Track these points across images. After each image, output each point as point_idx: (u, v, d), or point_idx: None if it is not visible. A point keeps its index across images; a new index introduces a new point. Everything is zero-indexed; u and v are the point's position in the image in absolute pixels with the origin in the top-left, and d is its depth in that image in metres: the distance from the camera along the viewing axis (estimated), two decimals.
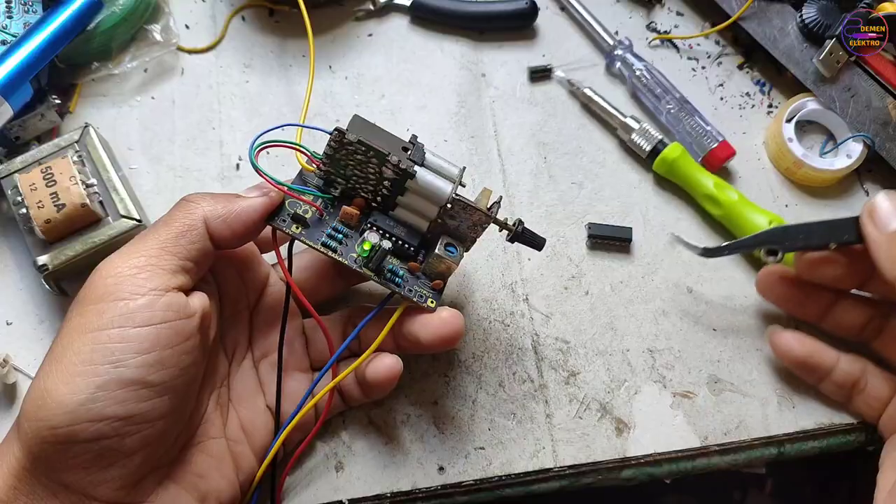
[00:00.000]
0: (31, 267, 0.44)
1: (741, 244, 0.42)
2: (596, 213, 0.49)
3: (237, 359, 0.40)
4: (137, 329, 0.30)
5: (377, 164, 0.35)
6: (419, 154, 0.36)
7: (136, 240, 0.34)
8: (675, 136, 0.51)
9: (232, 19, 0.53)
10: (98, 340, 0.30)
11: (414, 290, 0.38)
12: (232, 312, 0.39)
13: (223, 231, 0.34)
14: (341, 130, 0.34)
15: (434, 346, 0.38)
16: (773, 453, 0.43)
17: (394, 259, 0.38)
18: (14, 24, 0.47)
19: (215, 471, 0.36)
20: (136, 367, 0.30)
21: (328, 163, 0.36)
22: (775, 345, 0.43)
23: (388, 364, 0.38)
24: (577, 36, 0.55)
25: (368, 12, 0.54)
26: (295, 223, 0.36)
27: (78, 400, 0.29)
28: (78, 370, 0.29)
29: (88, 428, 0.29)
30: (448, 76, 0.52)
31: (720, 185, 0.47)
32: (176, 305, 0.32)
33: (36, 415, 0.29)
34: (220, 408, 0.38)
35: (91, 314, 0.30)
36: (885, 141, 0.49)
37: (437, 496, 0.41)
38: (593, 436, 0.43)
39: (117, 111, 0.49)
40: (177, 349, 0.31)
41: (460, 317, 0.38)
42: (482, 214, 0.37)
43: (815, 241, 0.40)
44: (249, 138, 0.49)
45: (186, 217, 0.34)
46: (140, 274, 0.31)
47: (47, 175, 0.42)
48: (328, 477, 0.41)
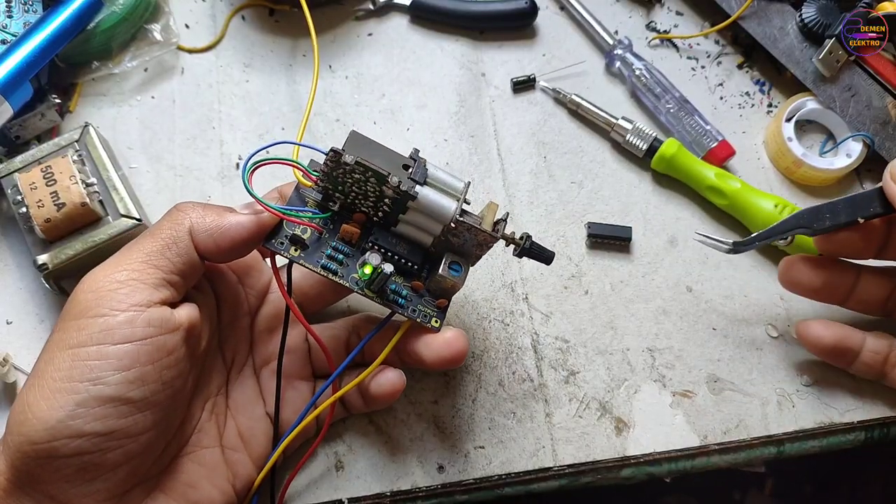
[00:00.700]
0: (31, 266, 0.44)
1: (771, 232, 0.41)
2: (596, 212, 0.49)
3: (237, 366, 0.39)
4: (117, 346, 0.30)
5: (376, 183, 0.34)
6: (421, 172, 0.35)
7: (122, 252, 0.33)
8: (674, 135, 0.51)
9: (232, 19, 0.53)
10: (77, 357, 0.30)
11: (418, 311, 0.37)
12: (231, 319, 0.39)
13: (209, 245, 0.33)
14: (337, 151, 0.33)
15: (437, 366, 0.37)
16: (772, 452, 0.43)
17: (397, 278, 0.37)
18: (14, 24, 0.47)
19: (206, 480, 0.36)
20: (116, 383, 0.29)
21: (325, 180, 0.35)
22: (805, 336, 0.42)
23: (392, 379, 0.38)
24: (577, 35, 0.55)
25: (368, 12, 0.54)
26: (293, 245, 0.35)
27: (57, 417, 0.29)
28: (58, 386, 0.29)
29: (69, 444, 0.29)
30: (448, 76, 0.52)
31: (721, 175, 0.47)
32: (158, 321, 0.31)
33: (18, 429, 0.29)
34: (215, 416, 0.37)
35: (72, 329, 0.30)
36: (884, 140, 0.49)
37: (437, 495, 0.41)
38: (593, 435, 0.43)
39: (117, 110, 0.49)
40: (158, 364, 0.31)
41: (464, 338, 0.37)
42: (487, 235, 0.35)
43: (844, 219, 0.39)
44: (249, 137, 0.49)
45: (172, 228, 0.33)
46: (121, 289, 0.31)
47: (47, 174, 0.42)
48: (328, 476, 0.41)
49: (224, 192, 0.48)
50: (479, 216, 0.36)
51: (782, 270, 0.42)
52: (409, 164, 0.35)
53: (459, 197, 0.35)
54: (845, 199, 0.39)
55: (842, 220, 0.39)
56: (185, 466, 0.35)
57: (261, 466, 0.38)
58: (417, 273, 0.37)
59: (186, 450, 0.36)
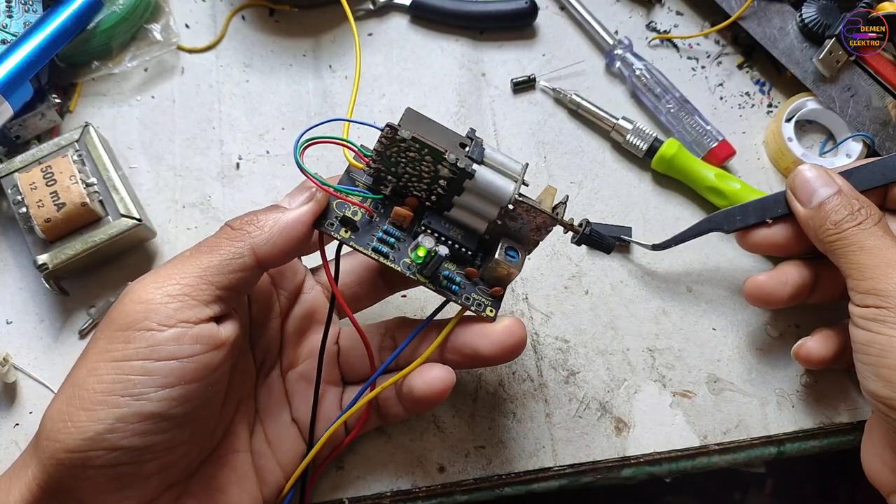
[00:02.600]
0: (31, 266, 0.44)
1: (686, 235, 0.44)
2: (596, 212, 0.49)
3: (265, 369, 0.38)
4: (162, 363, 0.29)
5: (432, 162, 0.32)
6: (478, 151, 0.33)
7: (175, 263, 0.32)
8: (674, 135, 0.51)
9: (232, 18, 0.53)
10: (121, 370, 0.29)
11: (472, 299, 0.35)
12: (263, 321, 0.38)
13: (273, 254, 0.32)
14: (393, 126, 0.32)
15: (495, 358, 0.35)
16: (772, 453, 0.43)
17: (450, 265, 0.35)
18: (14, 24, 0.47)
19: (236, 485, 0.35)
20: (159, 400, 0.29)
21: (378, 160, 0.33)
22: (805, 361, 0.41)
23: (440, 376, 0.35)
24: (577, 35, 0.55)
25: (368, 12, 0.54)
26: (344, 227, 0.34)
27: (96, 429, 0.28)
28: (99, 399, 0.29)
29: (104, 455, 0.29)
30: (448, 75, 0.52)
31: (721, 175, 0.47)
32: (206, 338, 0.30)
33: (55, 436, 0.29)
34: (245, 421, 0.37)
35: (117, 341, 0.30)
36: (884, 140, 0.49)
37: (437, 495, 0.41)
38: (593, 435, 0.43)
39: (117, 110, 0.49)
40: (203, 382, 0.30)
41: (523, 326, 0.35)
42: (547, 217, 0.33)
43: (753, 219, 0.42)
44: (249, 137, 0.49)
45: (233, 245, 0.32)
46: (171, 303, 0.30)
47: (47, 174, 0.42)
48: (328, 476, 0.41)
49: (224, 192, 0.48)
50: (538, 200, 0.34)
51: (746, 291, 0.42)
52: (465, 143, 0.33)
53: (518, 178, 0.34)
54: (756, 202, 0.43)
55: (751, 220, 0.42)
56: (216, 471, 0.35)
57: (289, 473, 0.37)
58: (471, 260, 0.35)
59: (216, 454, 0.35)
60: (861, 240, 0.37)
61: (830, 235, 0.38)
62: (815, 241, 0.39)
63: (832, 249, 0.38)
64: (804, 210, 0.39)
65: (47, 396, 0.42)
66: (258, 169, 0.48)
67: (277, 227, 0.32)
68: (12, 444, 0.41)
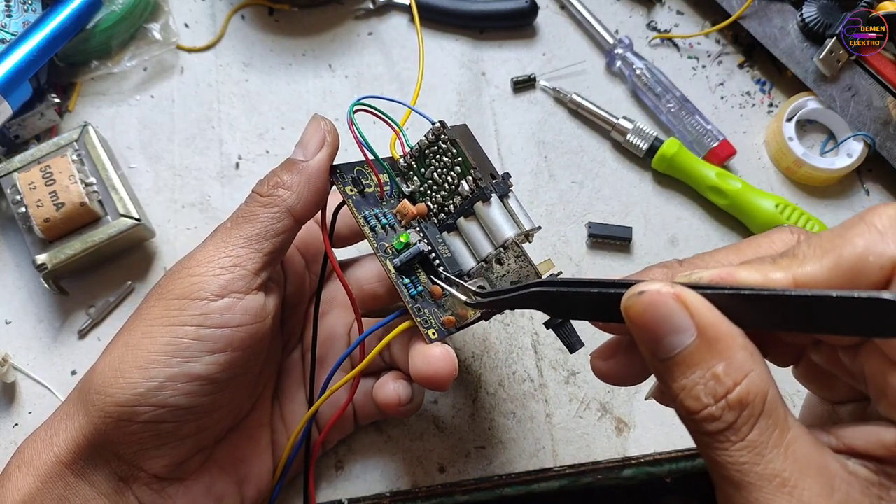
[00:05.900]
0: (30, 266, 0.44)
1: (509, 301, 0.31)
2: (596, 212, 0.49)
3: (288, 348, 0.40)
4: (213, 330, 0.31)
5: (459, 174, 0.34)
6: (503, 188, 0.35)
7: (219, 237, 0.33)
8: (675, 135, 0.51)
9: (231, 18, 0.53)
10: (175, 334, 0.31)
11: (422, 312, 0.34)
12: (295, 302, 0.40)
13: (305, 209, 0.34)
14: (445, 124, 0.34)
15: (417, 381, 0.33)
16: None
17: (422, 273, 0.35)
18: (13, 23, 0.47)
19: (256, 457, 0.37)
20: (207, 364, 0.31)
21: (416, 155, 0.36)
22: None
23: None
24: (577, 35, 0.55)
25: (368, 11, 0.54)
26: (353, 186, 0.35)
27: (147, 386, 0.30)
28: (152, 358, 0.31)
29: (150, 412, 0.31)
30: (448, 75, 0.52)
31: (722, 174, 0.47)
32: (254, 309, 0.32)
33: (105, 390, 0.31)
34: (270, 395, 0.39)
35: (173, 308, 0.32)
36: (885, 140, 0.49)
37: (437, 495, 0.41)
38: (593, 435, 0.42)
39: (116, 110, 0.49)
40: (247, 352, 0.32)
41: (452, 361, 0.32)
42: (533, 271, 0.35)
43: (580, 314, 0.28)
44: (249, 137, 0.49)
45: (269, 211, 0.33)
46: (224, 275, 0.32)
47: (46, 174, 0.41)
48: (328, 476, 0.41)
49: (224, 192, 0.48)
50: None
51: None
52: (496, 175, 0.35)
53: (523, 230, 0.34)
54: (590, 296, 0.26)
55: (578, 315, 0.28)
56: (241, 442, 0.37)
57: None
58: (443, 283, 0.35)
59: (243, 423, 0.37)
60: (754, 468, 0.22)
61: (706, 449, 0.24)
62: None
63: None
64: (651, 360, 0.24)
65: (46, 396, 0.42)
66: (258, 168, 0.48)
67: (304, 184, 0.34)
68: (12, 444, 0.41)
